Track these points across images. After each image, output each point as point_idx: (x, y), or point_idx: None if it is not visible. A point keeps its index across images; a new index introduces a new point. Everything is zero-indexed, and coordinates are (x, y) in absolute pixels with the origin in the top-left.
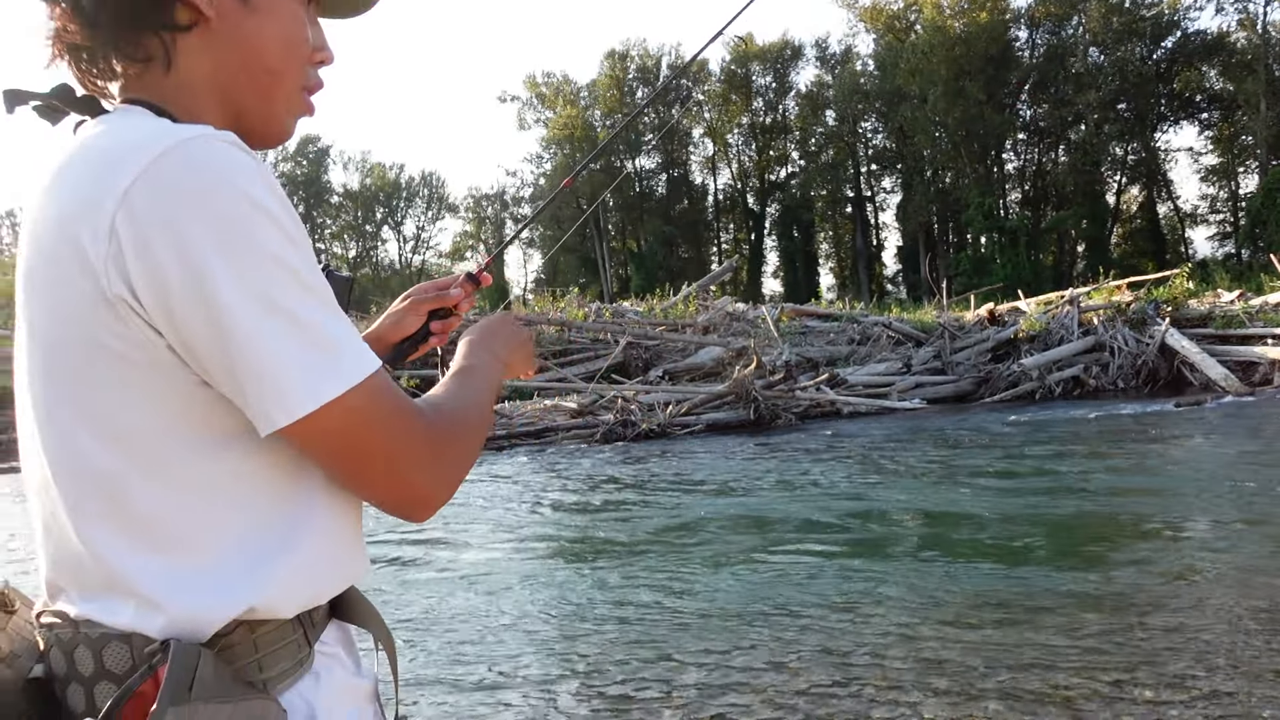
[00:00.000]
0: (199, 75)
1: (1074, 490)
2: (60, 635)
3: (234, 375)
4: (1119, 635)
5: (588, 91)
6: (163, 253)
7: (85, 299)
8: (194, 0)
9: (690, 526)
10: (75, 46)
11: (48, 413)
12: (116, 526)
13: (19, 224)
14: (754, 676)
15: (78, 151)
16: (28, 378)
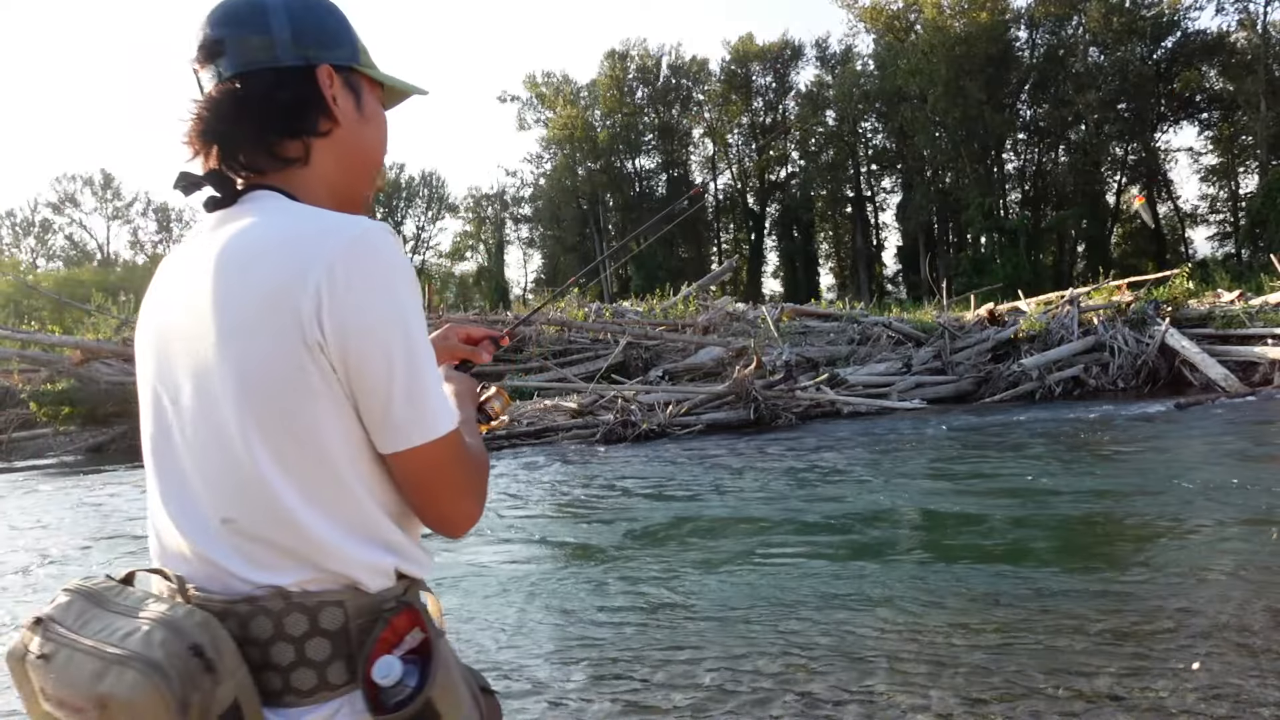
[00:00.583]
0: (323, 169)
1: (1075, 490)
2: (266, 605)
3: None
4: (1121, 635)
5: (588, 91)
6: (350, 316)
7: (293, 342)
8: (332, 113)
9: (690, 527)
10: (233, 144)
11: (265, 426)
12: (337, 511)
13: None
14: (754, 678)
15: (268, 232)
16: (226, 406)
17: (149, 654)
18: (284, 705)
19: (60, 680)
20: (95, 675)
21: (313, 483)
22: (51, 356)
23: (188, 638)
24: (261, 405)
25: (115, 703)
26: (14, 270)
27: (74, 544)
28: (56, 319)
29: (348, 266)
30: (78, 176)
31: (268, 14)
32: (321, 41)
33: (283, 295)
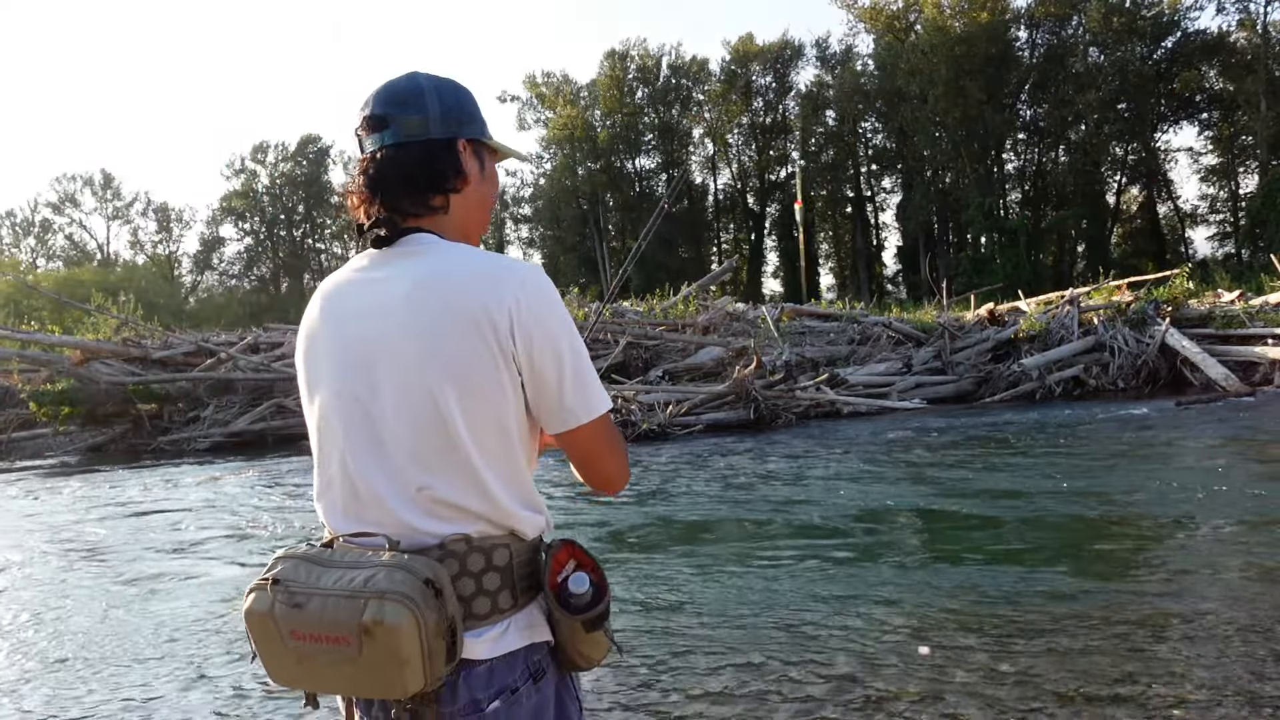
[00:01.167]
0: (458, 216)
1: (1075, 490)
2: (453, 549)
3: (556, 397)
4: (1121, 634)
5: (588, 91)
6: (534, 329)
7: (490, 351)
8: (466, 175)
9: (690, 527)
10: (395, 197)
11: (464, 414)
12: (510, 478)
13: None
14: (753, 678)
15: (449, 266)
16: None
17: (399, 588)
18: (468, 630)
19: (320, 620)
20: (356, 610)
21: (498, 459)
22: (51, 356)
23: (421, 574)
24: (468, 398)
25: (379, 627)
26: (14, 270)
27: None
28: (56, 319)
29: (528, 296)
30: (78, 176)
31: (424, 98)
32: (460, 120)
33: (484, 317)
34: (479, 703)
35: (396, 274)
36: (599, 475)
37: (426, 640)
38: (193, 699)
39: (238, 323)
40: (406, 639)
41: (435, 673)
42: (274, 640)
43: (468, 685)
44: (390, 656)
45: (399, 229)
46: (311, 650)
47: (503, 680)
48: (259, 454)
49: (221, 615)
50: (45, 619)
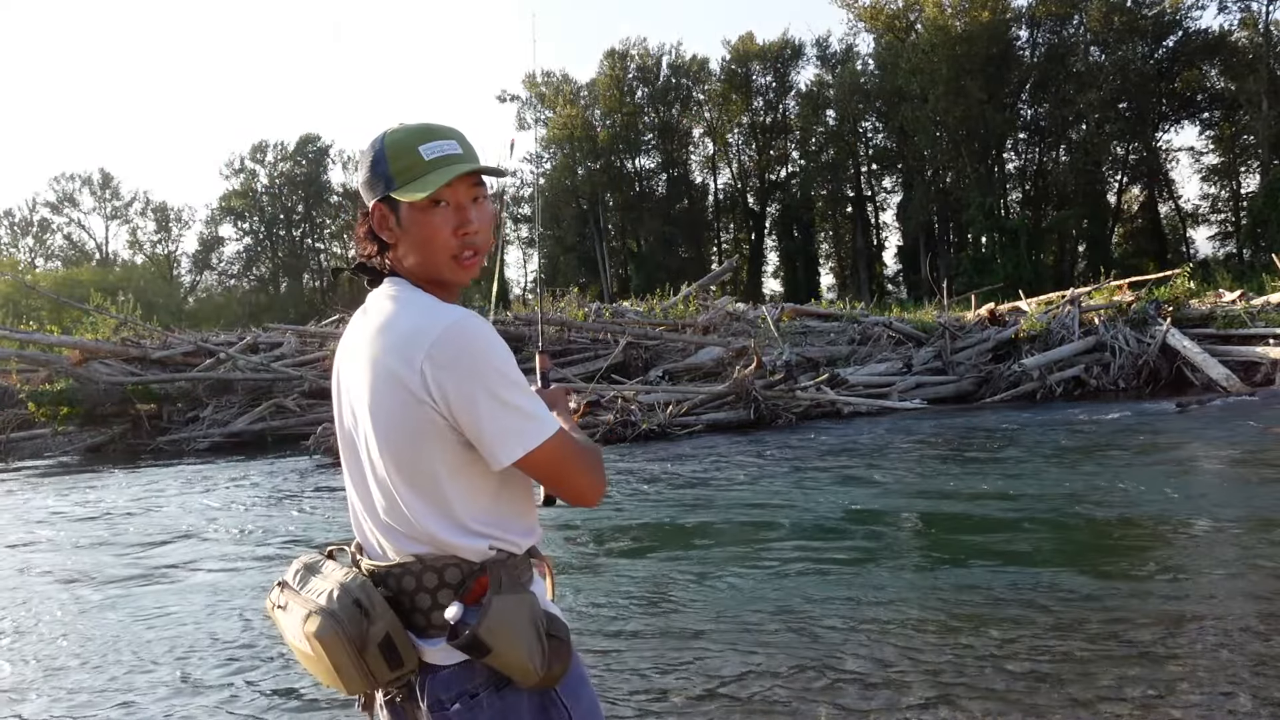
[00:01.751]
0: (405, 264)
1: (1075, 490)
2: (410, 568)
3: (481, 438)
4: (1122, 634)
5: (588, 91)
6: (446, 384)
7: (409, 399)
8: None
9: (689, 527)
10: (382, 244)
11: (393, 458)
12: (440, 511)
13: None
14: (752, 678)
15: (392, 317)
16: (372, 440)
17: (328, 606)
18: (429, 637)
19: (288, 625)
20: (302, 620)
21: (425, 495)
22: (50, 356)
23: (351, 594)
24: (396, 450)
25: (312, 639)
26: (12, 270)
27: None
28: (55, 319)
29: (439, 353)
30: (76, 176)
31: (360, 171)
32: (369, 185)
33: (402, 376)
34: (442, 703)
35: (366, 322)
36: (566, 494)
37: (352, 652)
38: (193, 699)
39: (237, 323)
40: (332, 650)
41: (378, 677)
42: (284, 632)
43: (432, 687)
44: (325, 663)
45: (379, 275)
46: (295, 644)
47: (461, 686)
48: (258, 454)
49: (221, 616)
50: (44, 620)
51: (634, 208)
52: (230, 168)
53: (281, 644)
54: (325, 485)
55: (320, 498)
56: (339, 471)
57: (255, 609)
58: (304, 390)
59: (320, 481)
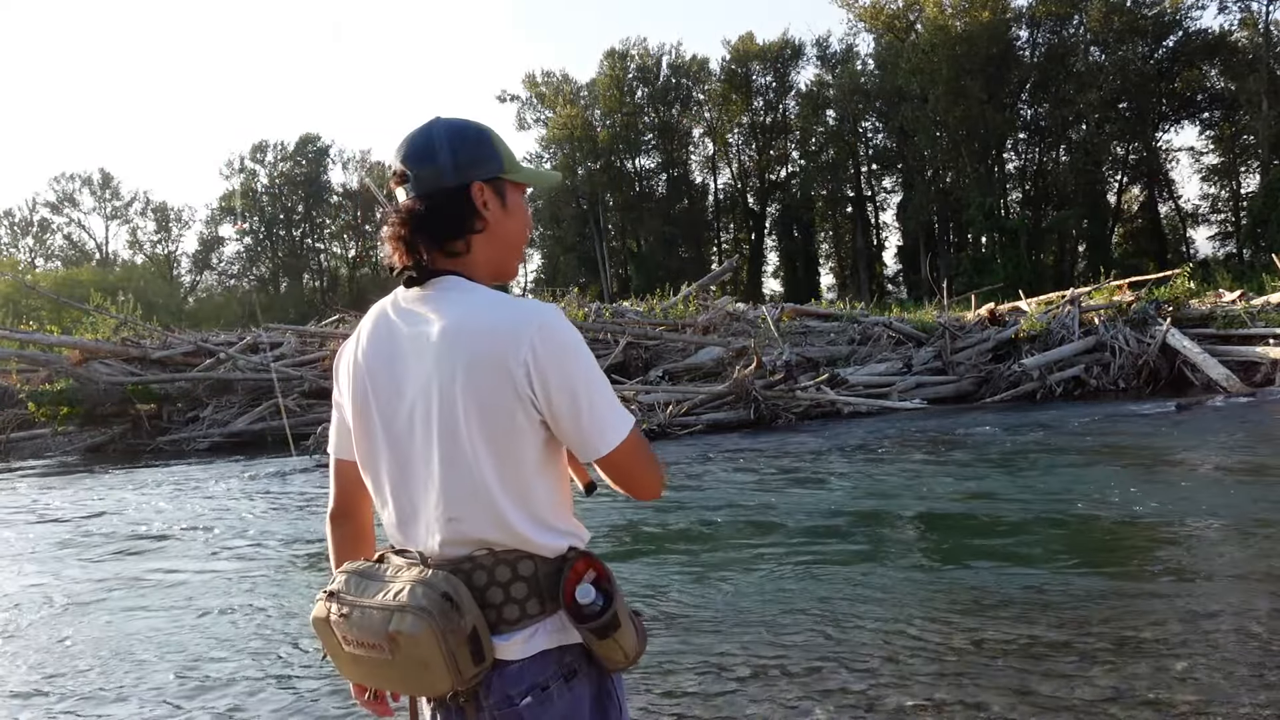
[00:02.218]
0: (483, 255)
1: (1075, 490)
2: (480, 561)
3: (579, 429)
4: (1121, 634)
5: (588, 91)
6: (549, 375)
7: (510, 390)
8: (484, 216)
9: (689, 527)
10: (420, 245)
11: (472, 448)
12: (525, 506)
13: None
14: (751, 678)
15: (472, 312)
16: (447, 429)
17: (418, 602)
18: (498, 632)
19: (360, 629)
20: (384, 621)
21: (517, 490)
22: (50, 356)
23: (439, 588)
24: (490, 441)
25: (402, 637)
26: (12, 270)
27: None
28: (55, 319)
29: (543, 344)
30: (76, 176)
31: (435, 150)
32: (474, 163)
33: (503, 367)
34: (511, 698)
35: (427, 320)
36: (635, 490)
37: (446, 647)
38: (193, 700)
39: (237, 322)
40: (426, 646)
41: (464, 674)
42: (335, 644)
43: (501, 682)
44: (416, 662)
45: (427, 271)
46: (360, 654)
47: (533, 678)
48: (259, 454)
49: (221, 616)
50: (42, 621)
51: (634, 208)
52: (230, 167)
53: (283, 644)
54: (323, 485)
55: (320, 497)
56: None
57: (256, 609)
58: (304, 390)
59: (319, 482)
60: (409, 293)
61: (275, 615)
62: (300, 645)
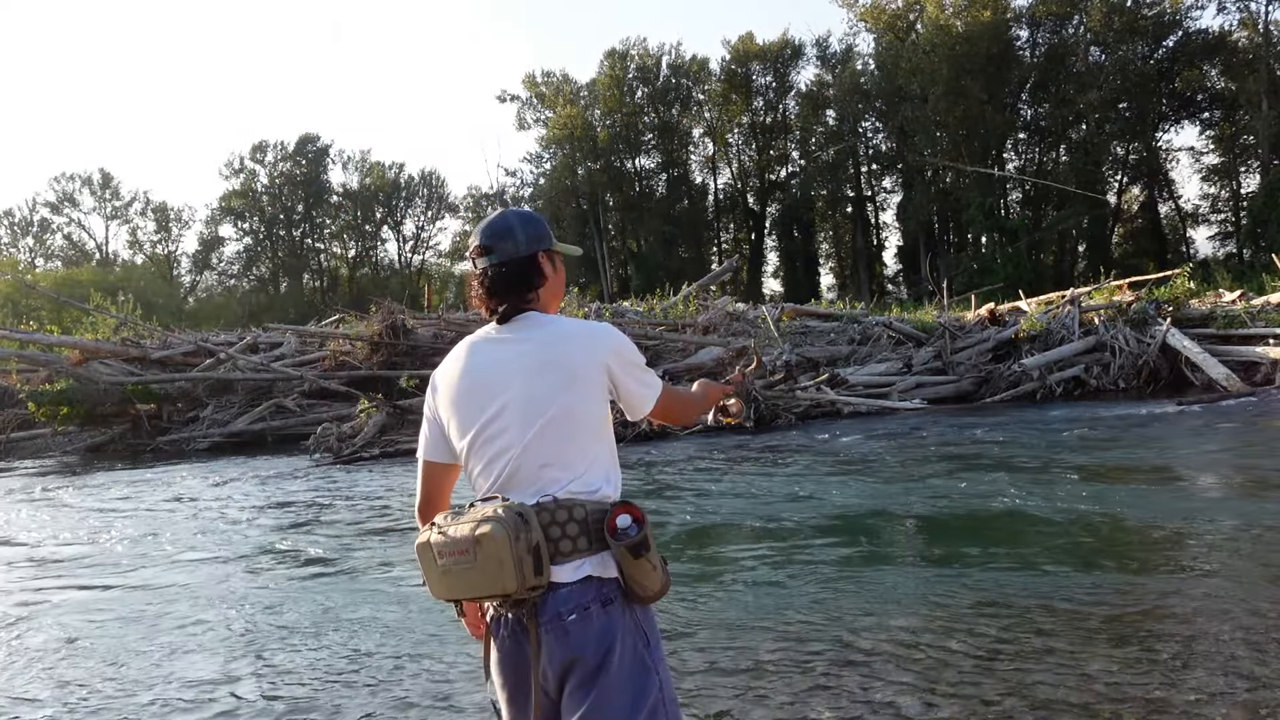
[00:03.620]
0: (544, 299)
1: (1075, 490)
2: (545, 505)
3: (632, 397)
4: (1121, 634)
5: (588, 91)
6: (617, 361)
7: (589, 382)
8: (545, 274)
9: (691, 528)
10: (503, 295)
11: (553, 424)
12: (586, 462)
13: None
14: (749, 678)
15: (557, 329)
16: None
17: (498, 516)
18: (555, 561)
19: (454, 540)
20: (473, 529)
21: (591, 447)
22: (50, 356)
23: (514, 510)
24: (576, 412)
25: (485, 538)
26: (12, 270)
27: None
28: (55, 319)
29: (616, 346)
30: (76, 176)
31: (514, 231)
32: (538, 239)
33: (589, 361)
34: (561, 615)
35: (521, 336)
36: (678, 419)
37: (516, 551)
38: (192, 700)
39: (237, 323)
40: (501, 546)
41: (525, 580)
42: (430, 562)
43: (554, 601)
44: (492, 559)
45: (514, 309)
46: (449, 564)
47: (578, 600)
48: (258, 454)
49: (221, 616)
50: (41, 622)
51: (634, 208)
52: (230, 167)
53: (284, 642)
54: (323, 485)
55: (319, 497)
56: (339, 471)
57: (254, 609)
58: (304, 390)
59: (319, 482)
60: (501, 325)
61: (276, 615)
62: (298, 646)
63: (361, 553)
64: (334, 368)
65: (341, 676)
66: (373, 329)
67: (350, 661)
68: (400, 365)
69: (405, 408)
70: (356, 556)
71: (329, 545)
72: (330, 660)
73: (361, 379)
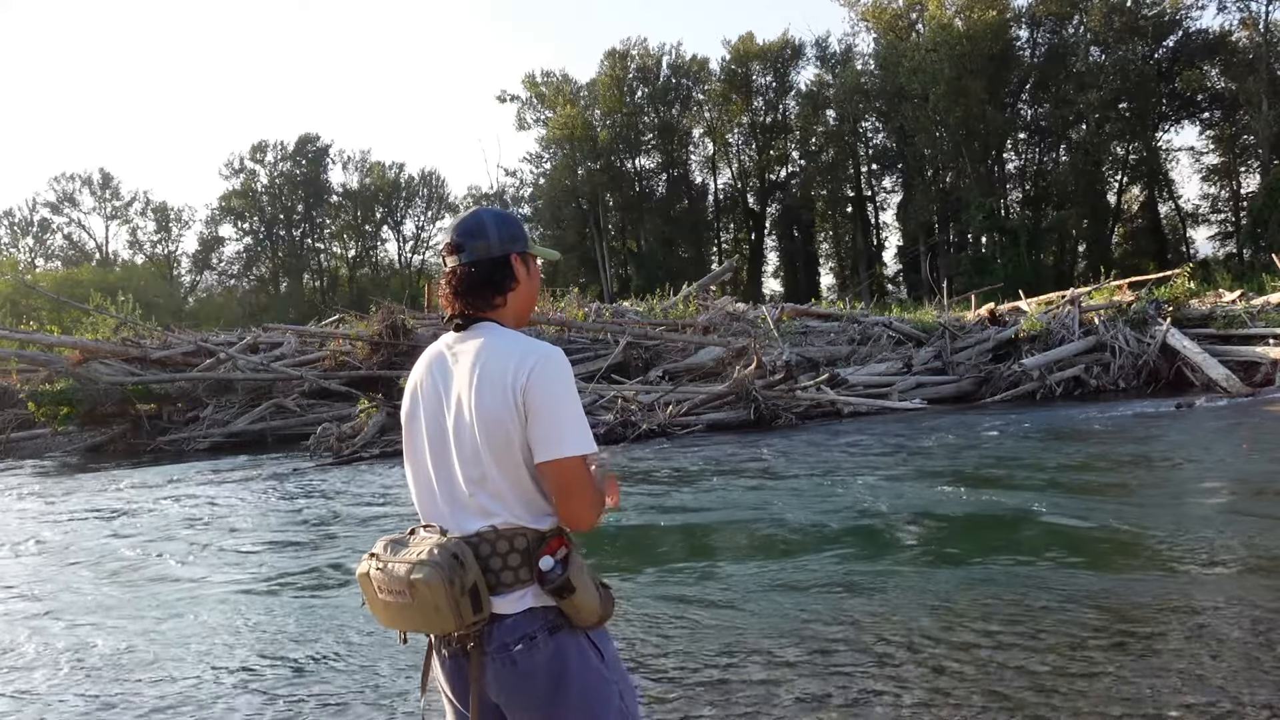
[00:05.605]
0: (512, 306)
1: (1075, 490)
2: (486, 536)
3: (542, 429)
4: (1121, 633)
5: (588, 91)
6: (536, 390)
7: (508, 403)
8: (517, 278)
9: (691, 528)
10: (468, 299)
11: (485, 447)
12: (523, 494)
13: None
14: (748, 678)
15: (496, 346)
16: (468, 434)
17: (433, 559)
18: (496, 592)
19: (391, 579)
20: (407, 572)
21: (511, 476)
22: (50, 356)
23: (450, 550)
24: (496, 439)
25: (419, 583)
26: (12, 270)
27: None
28: (55, 319)
29: (539, 369)
30: (76, 176)
31: (486, 229)
32: (513, 239)
33: (510, 384)
34: (507, 645)
35: (467, 352)
36: (569, 507)
37: (451, 595)
38: (192, 700)
39: (237, 323)
40: (436, 592)
41: (464, 618)
42: (372, 594)
43: (499, 632)
44: (429, 604)
45: (470, 319)
46: (389, 599)
47: (523, 630)
48: (258, 454)
49: (220, 616)
50: (43, 622)
51: (634, 208)
52: (230, 168)
53: (284, 643)
54: (324, 485)
55: (320, 498)
56: (338, 471)
57: (254, 609)
58: (304, 390)
59: (319, 482)
60: (456, 335)
61: (276, 615)
62: (299, 646)
63: (361, 553)
64: (334, 368)
65: (342, 677)
66: (373, 329)
67: (350, 662)
68: (400, 365)
69: None
70: (357, 557)
71: (329, 545)
72: (330, 660)
73: (361, 379)
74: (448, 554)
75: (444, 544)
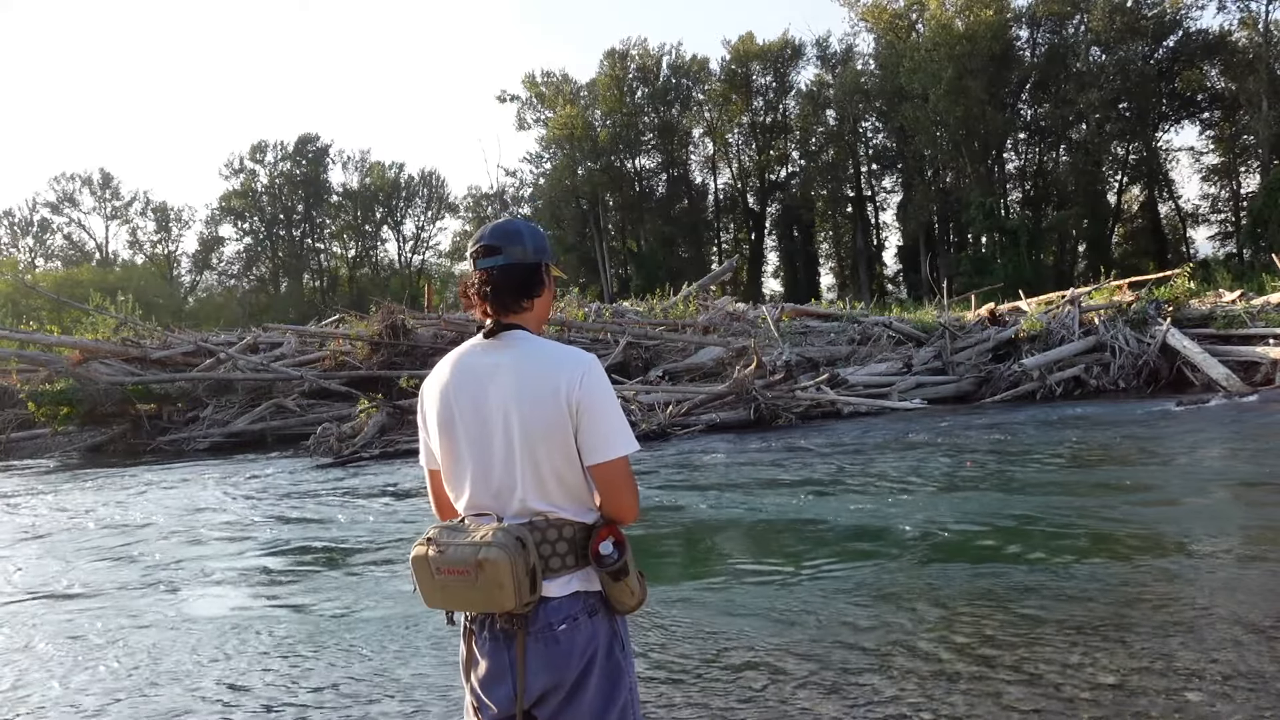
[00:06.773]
0: (536, 311)
1: (1075, 490)
2: (538, 524)
3: (594, 434)
4: (1121, 633)
5: (588, 91)
6: (586, 399)
7: (560, 409)
8: (545, 284)
9: (691, 529)
10: (499, 302)
11: (533, 448)
12: (572, 488)
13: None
14: (749, 678)
15: (536, 354)
16: (515, 435)
17: (500, 541)
18: (545, 576)
19: (454, 560)
20: (474, 551)
21: (565, 479)
22: (50, 356)
23: (514, 534)
24: (547, 441)
25: (488, 563)
26: (12, 270)
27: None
28: (55, 319)
29: (586, 377)
30: (76, 176)
31: (523, 235)
32: (543, 250)
33: (559, 389)
34: (551, 625)
35: (503, 358)
36: (618, 503)
37: (515, 574)
38: (192, 700)
39: (237, 323)
40: (503, 571)
41: (523, 598)
42: (427, 576)
43: (545, 613)
44: (493, 582)
45: (501, 325)
46: (448, 580)
47: (567, 611)
48: (258, 454)
49: (220, 615)
50: (43, 622)
51: (634, 208)
52: (230, 168)
53: (282, 643)
54: (323, 485)
55: (319, 498)
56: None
57: (254, 609)
58: (304, 390)
59: (319, 482)
60: (489, 341)
61: (275, 616)
62: (298, 646)
63: (362, 553)
64: (334, 368)
65: (340, 676)
66: (373, 329)
67: (350, 661)
68: (400, 365)
69: (405, 408)
70: (357, 557)
71: (329, 545)
72: (329, 660)
73: (361, 379)
74: (512, 536)
75: (507, 528)
